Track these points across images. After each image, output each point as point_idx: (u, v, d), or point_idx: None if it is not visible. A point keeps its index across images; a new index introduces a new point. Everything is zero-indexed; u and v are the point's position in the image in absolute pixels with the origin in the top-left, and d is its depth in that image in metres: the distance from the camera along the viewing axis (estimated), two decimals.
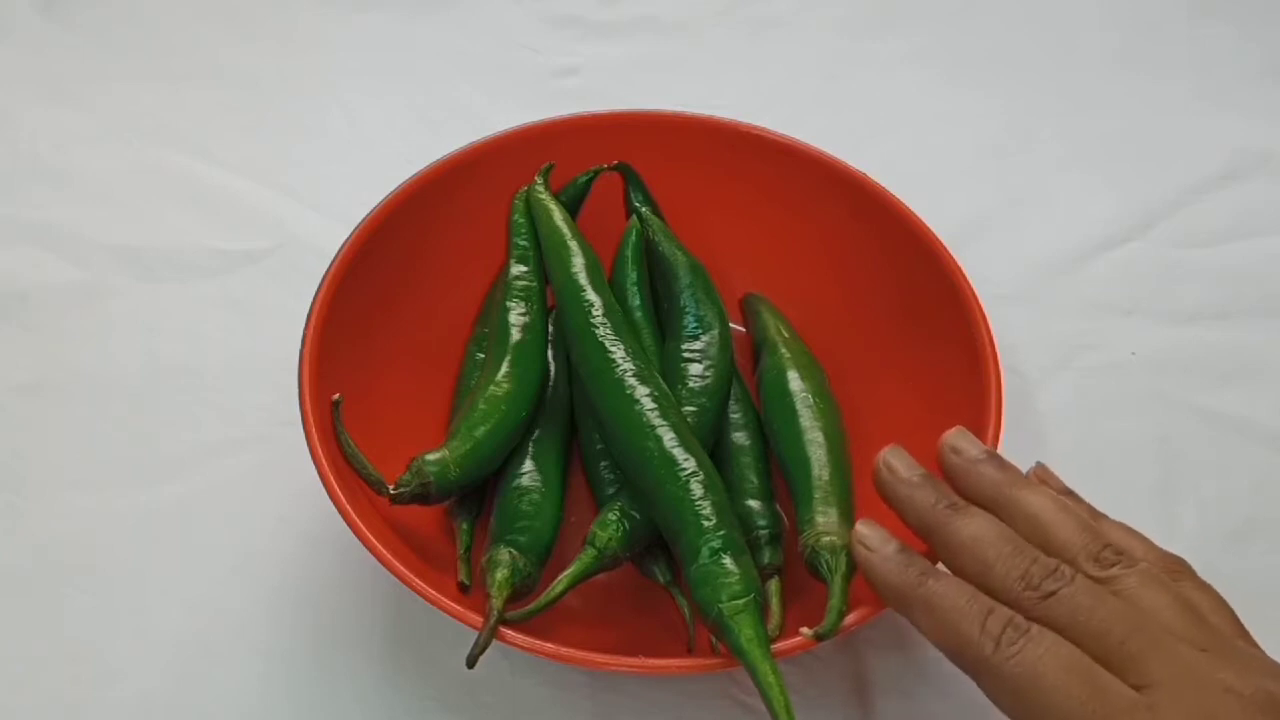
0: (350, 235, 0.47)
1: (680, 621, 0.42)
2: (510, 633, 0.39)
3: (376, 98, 0.65)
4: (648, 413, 0.42)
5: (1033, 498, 0.38)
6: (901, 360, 0.49)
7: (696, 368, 0.47)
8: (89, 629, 0.46)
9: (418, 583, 0.39)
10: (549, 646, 0.38)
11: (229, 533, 0.48)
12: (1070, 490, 0.41)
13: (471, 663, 0.38)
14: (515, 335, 0.46)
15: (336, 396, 0.42)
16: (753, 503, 0.44)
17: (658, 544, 0.43)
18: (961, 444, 0.40)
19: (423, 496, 0.42)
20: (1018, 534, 0.37)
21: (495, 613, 0.39)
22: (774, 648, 0.37)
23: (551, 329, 0.48)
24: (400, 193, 0.49)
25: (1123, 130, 0.64)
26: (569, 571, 0.40)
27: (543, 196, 0.49)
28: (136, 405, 0.52)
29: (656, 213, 0.51)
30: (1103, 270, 0.58)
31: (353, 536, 0.40)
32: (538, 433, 0.45)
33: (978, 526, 0.37)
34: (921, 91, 0.66)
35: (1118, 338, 0.56)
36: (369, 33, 0.68)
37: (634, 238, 0.50)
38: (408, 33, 0.68)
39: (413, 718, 0.44)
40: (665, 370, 0.46)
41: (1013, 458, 0.40)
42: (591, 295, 0.45)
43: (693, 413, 0.45)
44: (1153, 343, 0.56)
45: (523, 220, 0.49)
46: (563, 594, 0.40)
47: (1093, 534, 0.37)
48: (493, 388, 0.45)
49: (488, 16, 0.69)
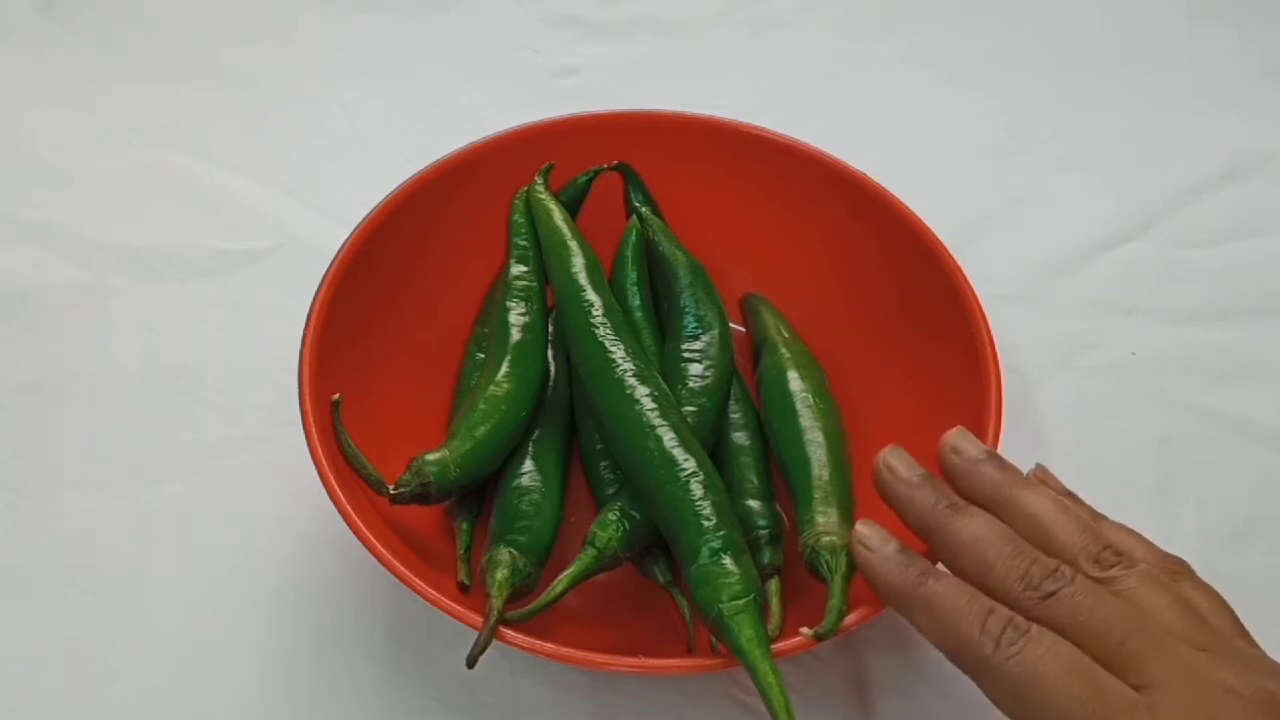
0: (350, 235, 0.47)
1: (680, 621, 0.42)
2: (510, 633, 0.39)
3: (376, 98, 0.65)
4: (648, 413, 0.42)
5: (1033, 498, 0.38)
6: (901, 360, 0.49)
7: (696, 368, 0.47)
8: (89, 629, 0.46)
9: (418, 583, 0.39)
10: (549, 646, 0.38)
11: (229, 533, 0.48)
12: (1070, 491, 0.41)
13: (471, 663, 0.38)
14: (515, 335, 0.46)
15: (336, 396, 0.42)
16: (753, 503, 0.44)
17: (658, 544, 0.43)
18: (962, 444, 0.40)
19: (423, 496, 0.42)
20: (1018, 534, 0.37)
21: (495, 613, 0.39)
22: (774, 648, 0.37)
23: (551, 329, 0.48)
24: (400, 193, 0.49)
25: (1123, 130, 0.64)
26: (569, 571, 0.40)
27: (543, 196, 0.49)
28: (136, 405, 0.52)
29: (656, 213, 0.51)
30: (1103, 270, 0.58)
31: (353, 536, 0.40)
32: (538, 433, 0.45)
33: (978, 527, 0.37)
34: (921, 91, 0.66)
35: (1118, 338, 0.56)
36: (369, 33, 0.68)
37: (634, 238, 0.50)
38: (408, 33, 0.68)
39: (413, 718, 0.44)
40: (665, 370, 0.46)
41: (1013, 458, 0.40)
42: (591, 295, 0.45)
43: (693, 413, 0.45)
44: (1153, 343, 0.56)
45: (523, 220, 0.49)
46: (563, 594, 0.40)
47: (1093, 535, 0.37)
48: (493, 388, 0.45)
49: (488, 16, 0.69)
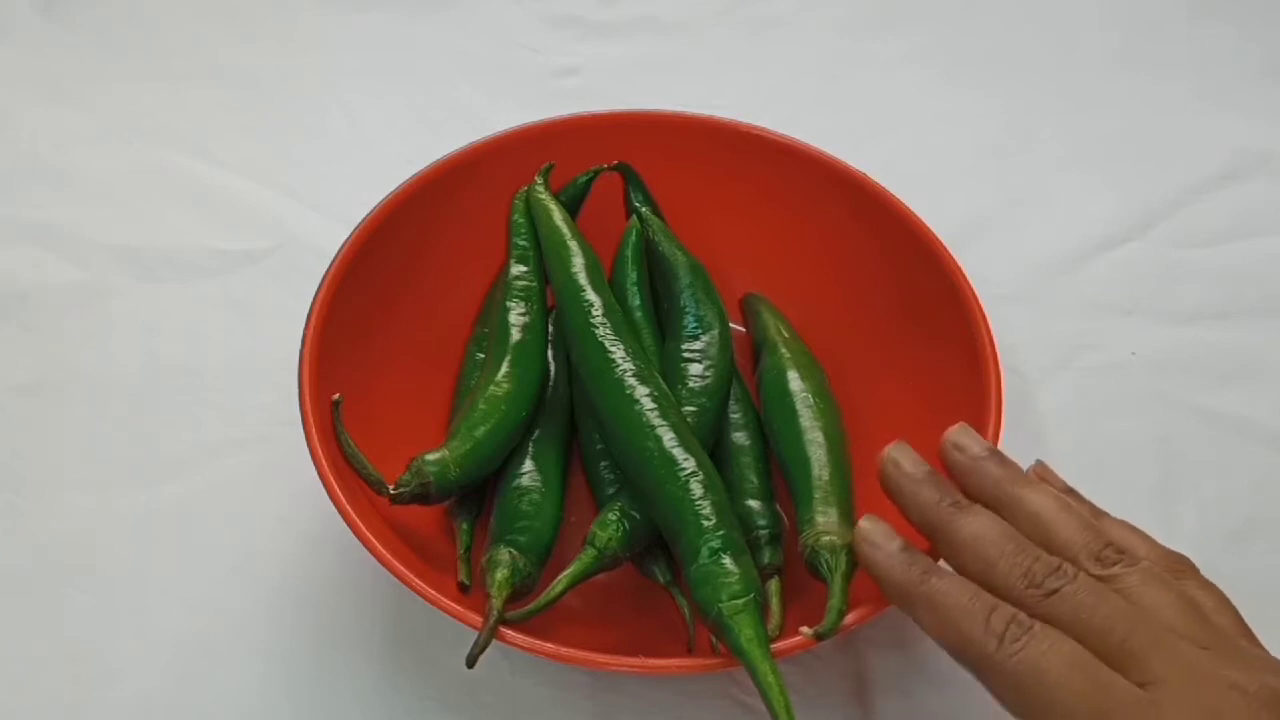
0: (350, 235, 0.47)
1: (680, 621, 0.42)
2: (510, 633, 0.38)
3: (376, 98, 0.65)
4: (648, 413, 0.42)
5: (1035, 496, 0.38)
6: (901, 360, 0.49)
7: (696, 368, 0.46)
8: (89, 629, 0.46)
9: (418, 583, 0.39)
10: (549, 646, 0.38)
11: (229, 533, 0.48)
12: (1071, 488, 0.41)
13: (471, 663, 0.38)
14: (515, 335, 0.46)
15: (336, 396, 0.42)
16: (753, 503, 0.44)
17: (658, 544, 0.43)
18: (964, 440, 0.40)
19: (423, 496, 0.42)
20: (1020, 532, 0.37)
21: (495, 613, 0.39)
22: (774, 648, 0.37)
23: (551, 329, 0.48)
24: (400, 193, 0.49)
25: (1123, 130, 0.64)
26: (569, 571, 0.40)
27: (543, 196, 0.49)
28: (136, 405, 0.52)
29: (656, 213, 0.51)
30: (1103, 270, 0.58)
31: (353, 536, 0.40)
32: (538, 433, 0.45)
33: (980, 525, 0.37)
34: (921, 91, 0.66)
35: (1118, 338, 0.56)
36: (369, 33, 0.68)
37: (634, 238, 0.50)
38: (408, 33, 0.68)
39: (413, 718, 0.44)
40: (665, 370, 0.46)
41: (1013, 458, 0.40)
42: (591, 295, 0.45)
43: (693, 413, 0.45)
44: (1153, 343, 0.56)
45: (523, 220, 0.49)
46: (563, 594, 0.40)
47: (1094, 532, 0.37)
48: (493, 388, 0.45)
49: (488, 16, 0.69)
